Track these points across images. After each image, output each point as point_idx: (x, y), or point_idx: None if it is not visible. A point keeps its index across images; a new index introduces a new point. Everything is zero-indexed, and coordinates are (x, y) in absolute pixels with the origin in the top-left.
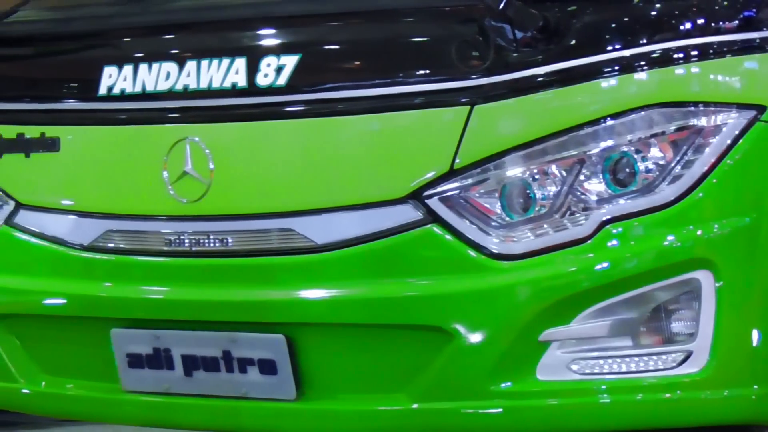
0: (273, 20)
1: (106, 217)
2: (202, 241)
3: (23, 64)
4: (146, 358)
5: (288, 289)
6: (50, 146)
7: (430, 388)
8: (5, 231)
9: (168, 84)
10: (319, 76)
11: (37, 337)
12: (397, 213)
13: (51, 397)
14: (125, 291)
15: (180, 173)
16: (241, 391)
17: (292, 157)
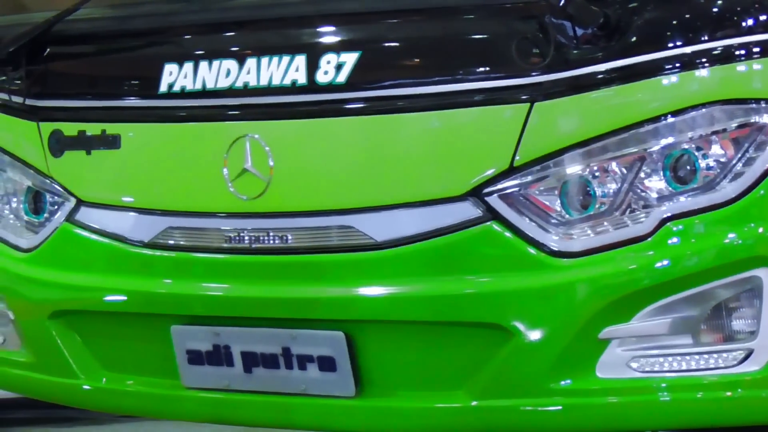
0: (333, 17)
1: (167, 214)
2: (261, 238)
3: (84, 62)
4: (206, 354)
5: (347, 286)
6: (111, 143)
7: (489, 386)
8: (67, 228)
9: (228, 81)
10: (378, 73)
11: (97, 334)
12: (457, 210)
13: (111, 394)
14: (185, 288)
15: (240, 170)
16: (301, 388)
17: (351, 154)
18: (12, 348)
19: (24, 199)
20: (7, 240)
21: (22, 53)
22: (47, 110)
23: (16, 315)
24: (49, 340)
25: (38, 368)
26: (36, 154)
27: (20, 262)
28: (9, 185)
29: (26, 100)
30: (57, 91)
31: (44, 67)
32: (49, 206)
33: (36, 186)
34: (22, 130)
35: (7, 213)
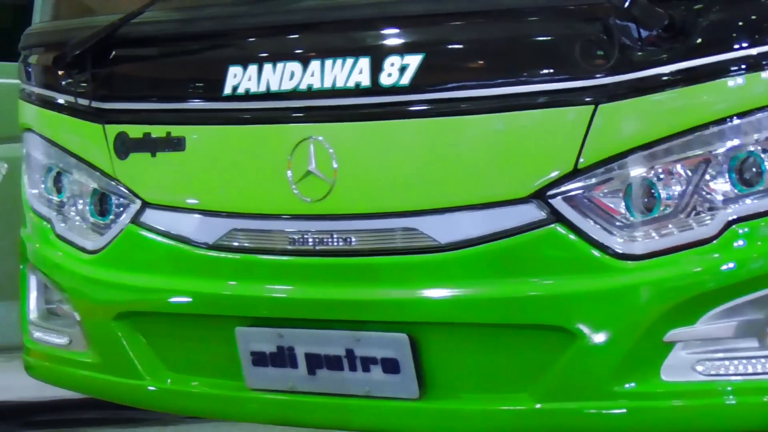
0: (396, 20)
1: (231, 216)
2: (325, 240)
3: (149, 65)
4: (270, 356)
5: (411, 288)
6: (176, 146)
7: (553, 388)
8: (132, 230)
9: (292, 84)
10: (442, 76)
11: (162, 335)
12: (521, 212)
13: (176, 394)
14: (250, 289)
15: (304, 172)
16: (364, 390)
17: (415, 157)
18: (78, 349)
19: (90, 201)
20: (73, 242)
21: (88, 56)
22: (113, 113)
23: (82, 316)
24: (114, 341)
25: (104, 369)
26: (102, 156)
27: (86, 263)
28: (75, 187)
29: (92, 102)
30: (122, 94)
31: (110, 70)
32: (114, 208)
33: (102, 188)
34: (88, 132)
35: (73, 215)
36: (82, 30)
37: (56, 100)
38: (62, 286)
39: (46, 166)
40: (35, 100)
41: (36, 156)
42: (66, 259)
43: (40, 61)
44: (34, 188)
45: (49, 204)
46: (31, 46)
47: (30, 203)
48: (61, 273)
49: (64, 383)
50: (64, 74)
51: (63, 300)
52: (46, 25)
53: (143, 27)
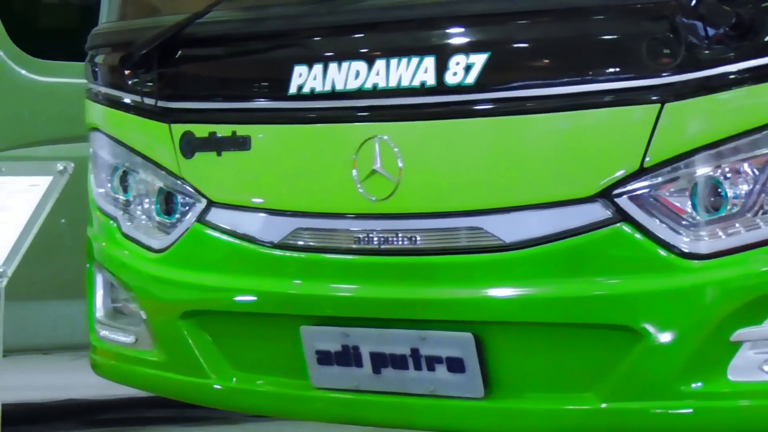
0: (462, 19)
1: (296, 215)
2: (390, 239)
3: (215, 64)
4: (335, 355)
5: (476, 287)
6: (241, 145)
7: (619, 388)
8: (197, 228)
9: (357, 83)
10: (507, 75)
11: (228, 334)
12: (586, 211)
13: (242, 393)
14: (315, 288)
15: (369, 171)
16: (429, 389)
17: (480, 155)
18: (144, 347)
19: (156, 200)
20: (139, 240)
21: (154, 56)
22: (179, 112)
23: (148, 315)
24: (180, 339)
25: (170, 367)
26: (167, 155)
27: (152, 262)
28: (141, 186)
29: (158, 102)
30: (188, 93)
31: (175, 70)
32: (180, 207)
33: (167, 187)
34: (154, 131)
35: (139, 214)
36: (148, 30)
37: (122, 100)
38: (128, 284)
39: (112, 165)
40: (102, 100)
41: (102, 155)
42: (132, 257)
43: (106, 60)
44: (100, 187)
45: (115, 203)
46: (97, 46)
47: (96, 202)
48: (127, 272)
49: (130, 381)
50: (131, 74)
51: (129, 299)
52: (112, 25)
53: (209, 26)
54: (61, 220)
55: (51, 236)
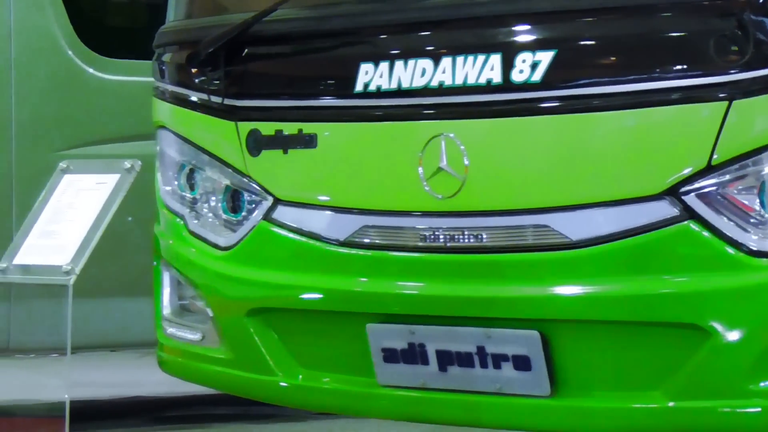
0: (528, 16)
1: (362, 213)
2: (456, 237)
3: (281, 62)
4: (401, 353)
5: (542, 285)
6: (307, 143)
7: (686, 387)
8: (264, 226)
9: (423, 80)
10: (574, 72)
11: (293, 331)
12: (653, 209)
13: (308, 391)
14: (381, 286)
15: (435, 169)
16: (495, 387)
17: (546, 153)
18: (211, 345)
19: (222, 197)
20: (206, 238)
21: (220, 54)
22: (245, 110)
23: (214, 312)
24: (246, 337)
25: (236, 365)
26: (234, 153)
27: (219, 260)
28: (208, 184)
29: (225, 100)
30: (255, 91)
31: (242, 68)
32: (246, 205)
33: (234, 185)
34: (220, 129)
35: (206, 211)
36: (215, 28)
37: (189, 98)
38: (195, 282)
39: (179, 163)
40: (169, 98)
41: (169, 153)
42: (199, 255)
43: (173, 59)
44: (167, 185)
45: (182, 201)
46: (164, 44)
47: (163, 200)
48: (194, 269)
49: (197, 379)
50: (197, 72)
51: (196, 296)
52: (179, 24)
53: (275, 25)
54: (128, 218)
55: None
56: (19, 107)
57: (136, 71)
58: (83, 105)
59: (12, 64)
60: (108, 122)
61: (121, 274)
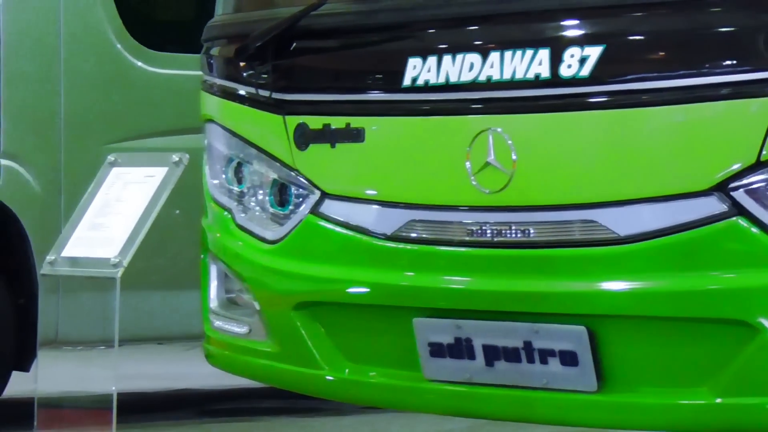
0: (576, 11)
1: (409, 207)
2: (503, 232)
3: (329, 56)
4: (448, 347)
5: (590, 280)
6: (355, 137)
7: (734, 383)
8: (311, 220)
9: (471, 75)
10: (623, 67)
11: (340, 325)
12: (702, 205)
13: (354, 384)
14: (427, 281)
15: (482, 164)
16: (542, 382)
17: (594, 148)
18: (258, 338)
19: (270, 191)
20: (253, 232)
21: (268, 48)
22: (293, 104)
23: (261, 306)
24: (293, 330)
25: (283, 358)
26: (282, 147)
27: (266, 253)
28: (255, 178)
29: (272, 93)
30: (302, 85)
31: (290, 62)
32: (294, 198)
33: (281, 178)
34: (268, 123)
35: (253, 205)
36: (264, 22)
37: (237, 92)
38: (242, 275)
39: (227, 156)
40: (217, 92)
41: (217, 146)
42: (246, 248)
43: (221, 52)
44: (215, 178)
45: (229, 194)
46: (213, 38)
47: (211, 193)
48: (241, 263)
49: (244, 372)
50: (246, 66)
51: (243, 289)
52: (227, 18)
53: (323, 19)
54: (176, 211)
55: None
56: (68, 100)
57: (184, 65)
58: (131, 98)
59: (61, 57)
60: (156, 116)
61: (169, 266)
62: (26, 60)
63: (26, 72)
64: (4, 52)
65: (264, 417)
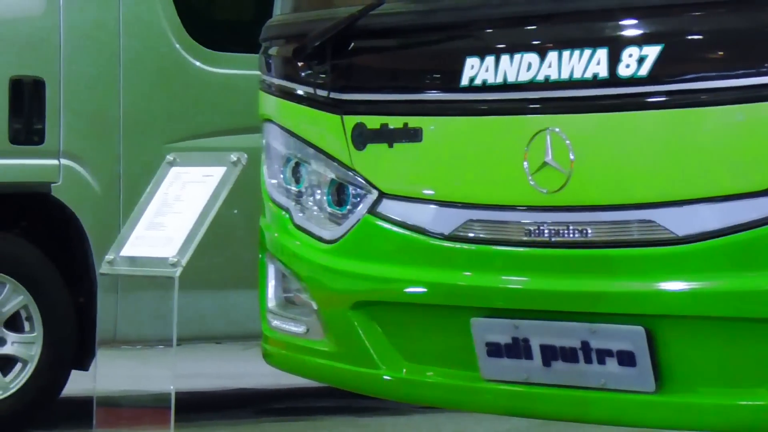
0: (634, 10)
1: (467, 207)
2: (561, 232)
3: (387, 56)
4: (505, 347)
5: (648, 281)
6: (412, 136)
7: None
8: (369, 220)
9: (529, 75)
10: (681, 67)
11: (398, 324)
12: (761, 205)
13: (411, 384)
14: (485, 280)
15: (540, 164)
16: (599, 382)
17: (652, 148)
18: (315, 338)
19: (327, 191)
20: (311, 231)
21: (326, 48)
22: (351, 103)
23: (319, 305)
24: (351, 330)
25: (340, 358)
26: (339, 146)
27: (324, 253)
28: (313, 177)
29: (330, 93)
30: (360, 85)
31: (348, 62)
32: (351, 198)
33: (339, 178)
34: (326, 123)
35: (311, 205)
36: (322, 22)
37: (295, 91)
38: (300, 275)
39: (285, 156)
40: (275, 91)
41: (275, 146)
42: (304, 248)
43: (279, 52)
44: (273, 178)
45: (287, 194)
46: (271, 38)
47: (269, 193)
48: (299, 262)
49: (301, 371)
50: (304, 65)
51: (301, 289)
52: (286, 17)
53: (381, 18)
54: (234, 211)
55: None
56: (127, 100)
57: (242, 64)
58: (190, 98)
59: (121, 57)
60: (214, 115)
61: (227, 266)
62: (85, 60)
63: (85, 72)
64: (64, 52)
65: (321, 416)
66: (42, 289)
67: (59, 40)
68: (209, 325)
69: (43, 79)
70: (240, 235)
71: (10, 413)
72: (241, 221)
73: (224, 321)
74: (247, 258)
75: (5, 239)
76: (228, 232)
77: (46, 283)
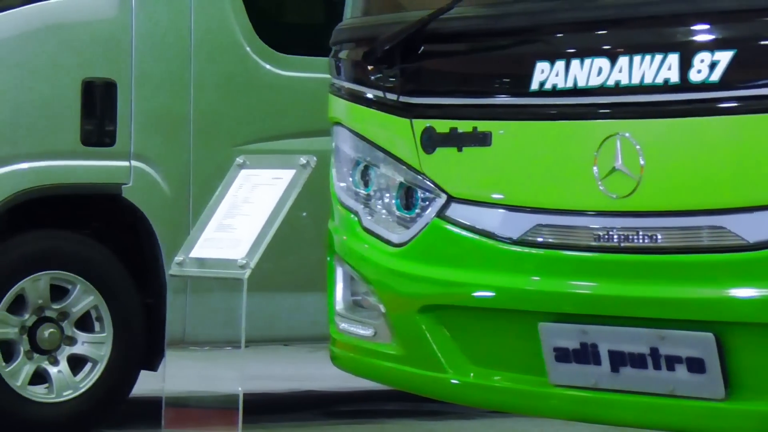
0: (706, 15)
1: (536, 212)
2: (630, 237)
3: (457, 60)
4: (573, 352)
5: (718, 287)
6: (482, 141)
7: None
8: (437, 223)
9: (600, 79)
10: (754, 72)
11: (465, 329)
12: None
13: (478, 388)
14: (553, 285)
15: (610, 169)
16: (668, 389)
17: (723, 154)
18: (383, 341)
19: (396, 194)
20: (379, 234)
21: (396, 52)
22: (420, 107)
23: (387, 308)
24: (418, 333)
25: (407, 361)
26: (408, 150)
27: (392, 256)
28: (382, 181)
29: (400, 97)
30: (430, 89)
31: (418, 66)
32: (420, 202)
33: (408, 182)
34: (395, 126)
35: (379, 208)
36: (392, 26)
37: (365, 95)
38: (368, 278)
39: (354, 159)
40: (344, 95)
41: (344, 149)
42: (372, 251)
43: (350, 56)
44: (342, 181)
45: (356, 197)
46: (341, 41)
47: (338, 196)
48: (367, 265)
49: (368, 374)
50: (373, 69)
51: (368, 292)
52: (356, 21)
53: (451, 23)
54: (303, 213)
55: (293, 229)
56: (197, 102)
57: (312, 68)
58: (260, 101)
59: (191, 60)
60: (283, 118)
61: (295, 268)
62: (156, 62)
63: (156, 74)
64: (135, 55)
65: (388, 419)
66: (112, 290)
67: (131, 42)
68: (277, 327)
69: (115, 81)
70: (308, 237)
71: (80, 413)
72: (310, 224)
73: (292, 323)
74: (315, 260)
75: (76, 240)
76: (296, 234)
77: (116, 283)
